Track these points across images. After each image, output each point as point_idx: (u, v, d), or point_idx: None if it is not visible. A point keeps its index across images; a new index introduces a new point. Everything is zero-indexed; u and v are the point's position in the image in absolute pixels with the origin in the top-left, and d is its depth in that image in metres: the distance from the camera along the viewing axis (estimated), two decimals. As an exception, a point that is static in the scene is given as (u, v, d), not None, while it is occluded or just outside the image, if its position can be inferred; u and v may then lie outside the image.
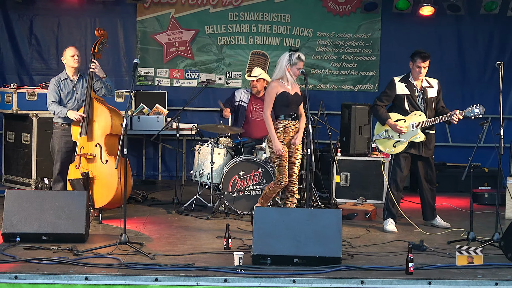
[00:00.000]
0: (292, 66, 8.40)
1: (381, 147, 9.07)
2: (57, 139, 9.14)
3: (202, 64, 12.90)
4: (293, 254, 6.97)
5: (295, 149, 8.52)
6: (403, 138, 8.83)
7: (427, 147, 8.91)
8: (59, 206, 7.72)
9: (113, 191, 8.83)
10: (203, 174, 9.81)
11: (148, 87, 12.75)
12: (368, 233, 8.73)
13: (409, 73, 8.92)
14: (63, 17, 12.70)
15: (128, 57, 12.74)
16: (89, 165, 8.94)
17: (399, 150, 8.88)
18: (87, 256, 7.15)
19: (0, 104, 10.77)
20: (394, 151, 8.92)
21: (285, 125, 8.44)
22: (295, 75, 8.47)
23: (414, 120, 8.81)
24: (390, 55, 12.91)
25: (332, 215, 7.24)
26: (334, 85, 13.03)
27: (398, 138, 8.86)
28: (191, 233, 8.52)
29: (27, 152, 10.55)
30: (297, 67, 8.41)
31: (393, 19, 12.90)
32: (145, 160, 12.86)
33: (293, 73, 8.44)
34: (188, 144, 12.12)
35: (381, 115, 8.96)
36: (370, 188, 10.69)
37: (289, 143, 8.50)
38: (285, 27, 12.89)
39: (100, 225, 8.74)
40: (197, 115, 12.76)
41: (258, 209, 7.33)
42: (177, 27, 12.78)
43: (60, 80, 9.16)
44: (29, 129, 10.50)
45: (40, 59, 12.66)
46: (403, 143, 8.85)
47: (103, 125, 9.02)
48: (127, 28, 12.78)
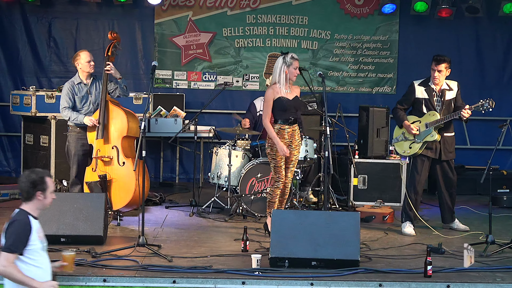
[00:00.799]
0: (289, 67, 8.32)
1: (398, 150, 9.07)
2: (73, 142, 9.15)
3: (220, 67, 12.91)
4: (311, 256, 6.95)
5: (291, 154, 8.43)
6: (418, 138, 8.81)
7: (447, 150, 8.86)
8: (77, 208, 7.74)
9: (130, 193, 8.84)
10: (221, 177, 9.81)
11: (166, 89, 12.77)
12: (386, 236, 8.70)
13: (429, 77, 8.90)
14: (81, 20, 12.75)
15: (146, 59, 12.77)
16: (106, 168, 8.95)
17: (415, 151, 8.84)
18: (105, 258, 7.17)
19: (19, 106, 10.83)
20: (409, 152, 8.90)
21: (280, 127, 8.36)
22: (294, 75, 8.38)
23: (428, 120, 8.79)
24: (408, 57, 12.87)
25: (350, 217, 7.23)
26: (352, 88, 12.99)
27: (413, 139, 8.84)
28: (208, 235, 8.52)
29: (45, 154, 10.59)
30: (293, 66, 8.32)
31: (411, 21, 12.85)
32: (162, 162, 12.88)
33: (291, 74, 8.35)
34: (206, 147, 12.11)
35: (398, 117, 8.98)
36: (388, 191, 10.64)
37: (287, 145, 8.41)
38: (302, 29, 12.88)
39: (118, 227, 8.76)
40: (214, 118, 12.77)
41: (276, 212, 7.32)
42: (194, 30, 12.80)
43: (73, 84, 9.16)
44: (47, 131, 10.54)
45: (58, 61, 12.72)
46: (418, 143, 8.82)
47: (119, 128, 9.03)
48: (145, 30, 12.81)
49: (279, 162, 8.31)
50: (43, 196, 5.32)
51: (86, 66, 9.14)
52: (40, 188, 5.29)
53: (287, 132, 8.34)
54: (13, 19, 12.65)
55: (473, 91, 12.18)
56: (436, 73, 8.75)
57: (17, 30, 12.67)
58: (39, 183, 5.29)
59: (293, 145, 8.37)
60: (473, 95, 11.93)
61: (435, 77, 8.77)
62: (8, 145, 12.79)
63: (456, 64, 11.75)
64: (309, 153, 9.63)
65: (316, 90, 12.16)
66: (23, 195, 5.30)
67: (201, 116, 11.72)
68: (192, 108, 12.46)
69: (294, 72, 8.34)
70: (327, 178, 8.40)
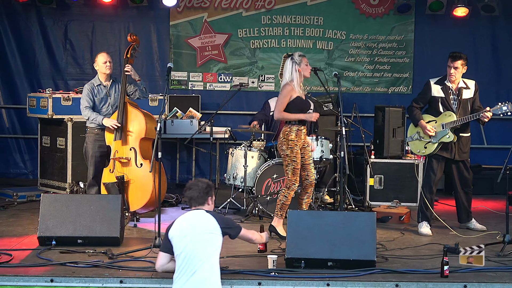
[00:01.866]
0: (300, 65, 8.33)
1: (413, 149, 9.05)
2: (90, 144, 9.21)
3: (235, 68, 12.92)
4: (327, 257, 6.95)
5: (307, 151, 8.46)
6: (434, 139, 8.78)
7: (461, 151, 8.83)
8: (94, 209, 7.77)
9: (147, 194, 8.87)
10: (237, 177, 9.82)
11: (181, 91, 12.80)
12: (403, 236, 8.68)
13: (445, 75, 8.86)
14: (97, 22, 12.80)
15: (162, 61, 12.80)
16: (123, 169, 8.99)
17: (430, 151, 8.82)
18: (122, 259, 7.21)
19: (36, 109, 10.87)
20: (425, 152, 8.87)
21: (298, 128, 8.35)
22: (308, 71, 8.39)
23: (444, 121, 8.75)
24: (423, 56, 12.83)
25: (366, 218, 7.22)
26: (368, 88, 12.97)
27: (429, 139, 8.81)
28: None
29: (62, 156, 10.63)
30: (304, 63, 8.34)
31: (426, 21, 12.80)
32: (178, 163, 12.91)
33: (305, 70, 8.35)
34: (222, 148, 12.14)
35: (414, 116, 8.95)
36: (404, 191, 10.61)
37: (302, 146, 8.44)
38: (318, 29, 12.87)
39: (134, 229, 8.79)
40: (230, 119, 12.78)
41: (291, 212, 7.31)
42: (210, 31, 12.82)
43: (93, 86, 9.23)
44: (64, 133, 10.58)
45: (74, 64, 12.78)
46: (434, 144, 8.79)
47: (138, 129, 9.07)
48: (161, 32, 12.84)
49: (298, 164, 8.31)
50: (211, 201, 6.11)
51: (103, 67, 9.21)
52: (210, 194, 6.07)
53: (303, 132, 8.36)
54: (29, 22, 12.73)
55: (489, 91, 12.14)
56: (452, 70, 8.72)
57: (33, 32, 12.74)
58: (209, 189, 6.08)
59: (305, 144, 8.43)
60: (489, 94, 11.92)
61: (451, 74, 8.73)
62: (25, 147, 12.87)
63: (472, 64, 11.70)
64: (324, 154, 9.61)
65: (331, 90, 12.13)
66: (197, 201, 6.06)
67: (217, 117, 11.74)
68: (207, 109, 12.47)
69: (306, 68, 8.35)
70: (343, 178, 8.40)
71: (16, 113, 12.84)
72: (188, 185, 6.05)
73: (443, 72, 8.91)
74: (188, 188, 6.00)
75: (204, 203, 5.98)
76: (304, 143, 8.38)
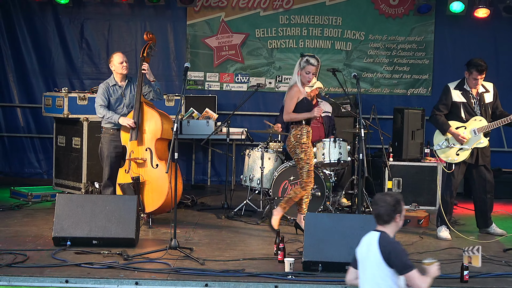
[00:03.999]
0: (302, 70, 8.35)
1: (443, 157, 8.87)
2: (106, 144, 9.22)
3: (252, 68, 12.93)
4: (345, 260, 6.89)
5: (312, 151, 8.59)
6: (467, 145, 8.68)
7: (484, 154, 8.78)
8: (109, 210, 7.79)
9: (163, 195, 8.88)
10: (253, 179, 9.82)
11: (198, 91, 12.82)
12: (421, 240, 8.66)
13: (464, 79, 8.79)
14: (113, 21, 12.85)
15: (178, 61, 12.83)
16: (139, 170, 9.00)
17: (463, 158, 8.72)
18: (137, 260, 7.22)
19: (51, 108, 10.92)
20: (457, 159, 8.75)
21: (307, 130, 8.42)
22: (307, 80, 8.39)
23: (475, 126, 8.67)
24: (444, 58, 12.79)
25: (385, 221, 7.19)
26: (386, 89, 12.94)
27: (461, 146, 8.72)
28: (241, 238, 8.54)
29: (77, 156, 10.67)
30: (305, 70, 8.33)
31: (447, 22, 12.77)
32: (194, 164, 12.92)
33: (303, 78, 8.37)
34: (238, 149, 12.14)
35: (441, 125, 8.81)
36: (423, 194, 10.59)
37: None
38: (336, 30, 12.85)
39: (150, 230, 8.81)
40: (247, 120, 12.79)
41: (309, 215, 7.32)
42: (227, 31, 12.83)
43: (108, 86, 9.24)
44: (79, 133, 10.62)
45: (90, 63, 12.84)
46: (467, 150, 8.69)
47: (154, 130, 9.08)
48: (177, 32, 12.87)
49: (312, 166, 8.38)
50: (399, 218, 5.43)
51: (119, 67, 9.21)
52: (399, 211, 5.42)
53: (311, 133, 8.49)
54: (45, 20, 12.79)
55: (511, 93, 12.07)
56: (478, 81, 8.64)
57: (49, 31, 12.81)
58: (398, 205, 5.43)
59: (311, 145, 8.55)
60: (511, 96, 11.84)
61: (477, 85, 8.66)
62: (40, 146, 12.93)
63: (493, 66, 11.72)
64: (342, 156, 9.59)
65: (350, 91, 12.13)
66: (382, 218, 5.40)
67: (233, 118, 11.75)
68: (224, 110, 12.49)
69: (306, 76, 8.34)
70: (361, 181, 8.37)
71: (31, 112, 12.90)
72: (375, 200, 5.57)
73: (463, 75, 8.84)
74: (375, 204, 5.53)
75: (390, 221, 5.48)
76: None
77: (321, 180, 9.41)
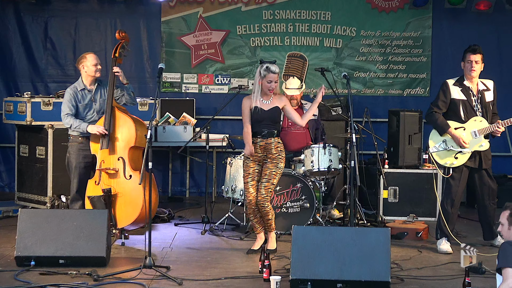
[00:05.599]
0: (263, 80, 8.39)
1: (440, 161, 8.84)
2: (74, 153, 9.19)
3: (234, 68, 12.95)
4: (336, 278, 6.95)
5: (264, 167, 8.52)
6: (466, 148, 8.71)
7: (486, 157, 8.79)
8: (77, 226, 7.77)
9: (137, 209, 8.86)
10: (236, 190, 9.82)
11: (174, 94, 12.82)
12: (420, 254, 8.69)
13: (463, 76, 8.83)
14: (81, 19, 12.84)
15: (152, 61, 12.83)
16: (111, 181, 8.99)
17: (462, 162, 8.73)
18: (109, 281, 7.20)
19: (13, 114, 10.88)
20: (456, 163, 8.75)
21: (253, 140, 8.48)
22: (268, 89, 8.41)
23: (476, 127, 8.69)
24: (442, 55, 12.85)
25: (380, 234, 7.21)
26: (380, 90, 12.99)
27: (459, 149, 8.73)
28: (222, 255, 8.53)
29: (42, 167, 10.64)
30: (267, 79, 8.37)
31: (445, 16, 12.84)
32: (171, 175, 12.92)
33: (265, 87, 8.41)
34: (219, 157, 12.14)
35: (439, 124, 8.81)
36: (421, 204, 10.62)
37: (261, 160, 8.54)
38: (325, 26, 12.90)
39: (122, 247, 8.79)
40: (228, 125, 12.80)
41: (297, 228, 7.32)
42: (205, 28, 12.85)
43: (76, 90, 9.19)
44: (44, 141, 10.58)
45: (56, 65, 12.80)
46: (466, 154, 8.70)
47: (127, 137, 9.07)
48: (151, 29, 12.87)
49: (246, 177, 8.46)
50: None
51: (92, 70, 9.16)
52: None
53: (259, 145, 8.44)
54: (6, 18, 12.76)
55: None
56: (473, 64, 8.67)
57: (10, 30, 12.77)
58: None
59: (268, 159, 8.48)
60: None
61: (473, 69, 8.67)
62: (0, 157, 12.88)
63: (496, 63, 11.79)
64: (333, 163, 9.61)
65: (340, 93, 12.16)
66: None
67: (214, 123, 11.75)
68: (203, 115, 12.50)
69: (267, 85, 8.38)
70: (353, 190, 8.40)
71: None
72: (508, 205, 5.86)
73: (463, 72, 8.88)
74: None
75: None
76: (265, 157, 8.56)
77: (310, 190, 9.43)
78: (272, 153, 8.44)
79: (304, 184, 9.47)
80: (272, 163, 8.45)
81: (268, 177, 8.45)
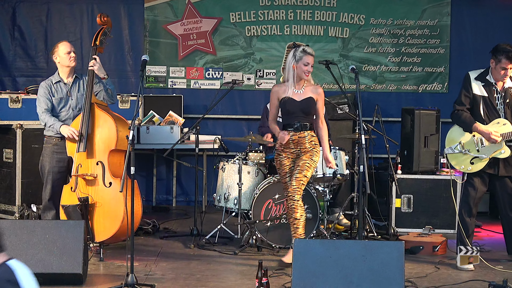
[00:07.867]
0: (298, 62, 8.48)
1: (454, 164, 8.92)
2: (47, 156, 9.21)
3: (227, 61, 12.98)
4: (342, 298, 6.98)
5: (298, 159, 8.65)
6: (484, 154, 8.70)
7: (508, 164, 8.80)
8: (50, 239, 7.78)
9: (118, 221, 8.88)
10: (229, 199, 9.85)
11: (159, 90, 12.85)
12: (438, 271, 8.71)
13: (488, 69, 8.83)
14: (53, 4, 12.84)
15: (134, 53, 12.85)
16: (88, 188, 9.00)
17: (478, 169, 8.76)
18: (86, 301, 7.24)
19: (-24, 113, 10.92)
20: (471, 169, 8.78)
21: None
22: (304, 72, 8.52)
23: (499, 131, 8.72)
24: (462, 46, 12.89)
25: (392, 248, 7.24)
26: (393, 85, 13.03)
27: (477, 154, 8.73)
28: (214, 272, 8.56)
29: (9, 172, 10.65)
30: (303, 62, 8.48)
31: (466, 2, 12.87)
32: (156, 181, 12.94)
33: (300, 70, 8.51)
34: (210, 161, 12.18)
35: (465, 121, 8.78)
36: (439, 215, 10.63)
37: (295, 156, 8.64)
38: (330, 13, 12.94)
39: (101, 263, 8.81)
40: (220, 125, 12.84)
41: (298, 241, 7.34)
42: (195, 15, 12.88)
43: (51, 83, 9.22)
44: (12, 143, 10.60)
45: (25, 56, 12.82)
46: (483, 160, 8.72)
47: (107, 139, 9.08)
48: (133, 17, 12.89)
49: (284, 177, 8.59)
50: None
51: (65, 58, 9.19)
52: None
53: (291, 139, 8.52)
54: (-33, 4, 12.80)
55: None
56: (508, 72, 8.66)
57: (-27, 18, 12.82)
58: None
59: (302, 153, 8.60)
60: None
61: (506, 76, 8.67)
62: (-38, 161, 12.92)
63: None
64: (339, 168, 9.65)
65: (347, 88, 12.20)
66: None
67: (204, 122, 11.79)
68: (192, 113, 12.53)
69: (304, 68, 8.46)
70: (362, 199, 8.43)
71: (-50, 118, 12.90)
72: None
73: (487, 64, 8.89)
74: None
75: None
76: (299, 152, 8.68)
77: (313, 198, 9.44)
78: (306, 147, 8.56)
79: (307, 191, 9.48)
80: (306, 154, 8.58)
81: (301, 168, 8.54)
